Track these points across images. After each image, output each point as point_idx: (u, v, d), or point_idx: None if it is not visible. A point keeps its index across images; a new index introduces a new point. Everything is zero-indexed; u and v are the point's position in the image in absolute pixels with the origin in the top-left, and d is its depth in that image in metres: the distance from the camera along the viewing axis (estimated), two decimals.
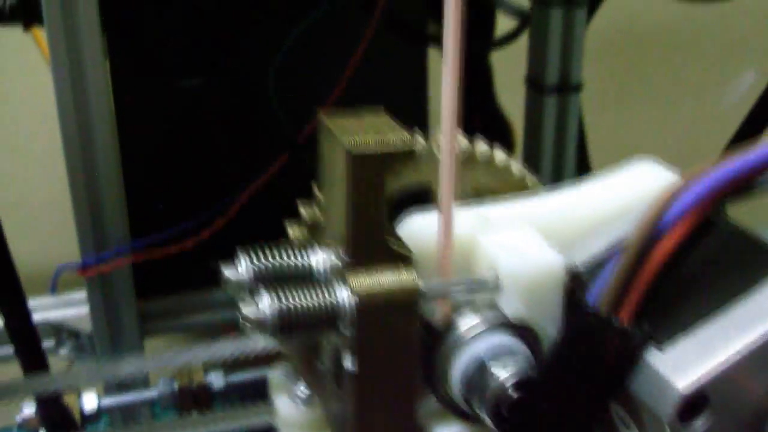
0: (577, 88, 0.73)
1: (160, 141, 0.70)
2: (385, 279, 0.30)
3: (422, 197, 0.39)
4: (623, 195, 0.36)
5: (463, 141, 0.41)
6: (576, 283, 0.33)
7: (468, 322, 0.31)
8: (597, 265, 0.33)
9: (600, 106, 0.84)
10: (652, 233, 0.29)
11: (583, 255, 0.34)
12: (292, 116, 0.68)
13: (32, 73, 0.77)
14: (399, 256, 0.30)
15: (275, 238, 0.72)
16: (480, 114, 0.83)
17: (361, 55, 0.63)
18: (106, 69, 0.60)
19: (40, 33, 0.66)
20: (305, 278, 0.31)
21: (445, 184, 0.30)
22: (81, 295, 0.66)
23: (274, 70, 0.67)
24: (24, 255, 0.59)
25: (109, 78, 0.61)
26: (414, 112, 0.75)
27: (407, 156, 0.29)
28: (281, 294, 0.29)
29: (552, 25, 0.71)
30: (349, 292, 0.29)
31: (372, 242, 0.30)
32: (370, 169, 0.29)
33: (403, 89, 0.74)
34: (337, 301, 0.29)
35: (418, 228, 0.34)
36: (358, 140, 0.29)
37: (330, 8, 0.65)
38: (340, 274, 0.30)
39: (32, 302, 0.59)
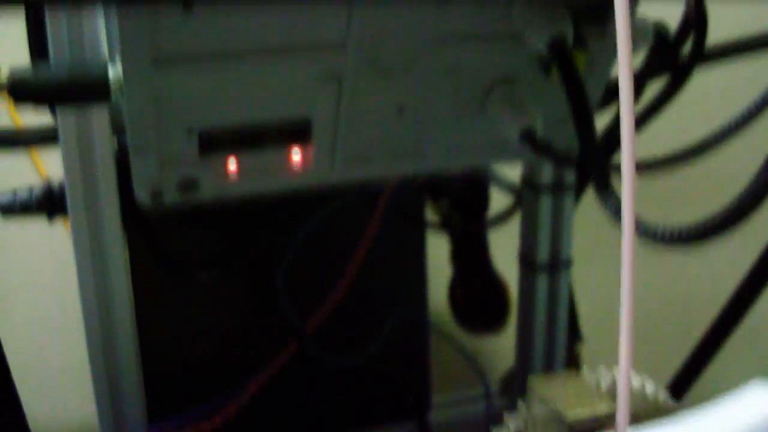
0: (567, 264, 0.78)
1: (176, 330, 0.74)
2: None
3: None
4: (745, 418, 0.42)
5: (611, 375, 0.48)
6: None
7: None
8: None
9: (588, 258, 0.88)
10: None
11: None
12: (300, 308, 0.72)
13: (56, 251, 0.81)
14: None
15: (287, 421, 0.76)
16: (477, 279, 0.88)
17: (366, 247, 0.68)
18: (126, 260, 0.64)
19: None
20: None
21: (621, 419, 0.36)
22: None
23: (283, 265, 0.72)
24: (42, 421, 0.63)
25: (129, 268, 0.65)
26: (414, 295, 0.80)
27: (610, 421, 0.39)
28: None
29: (542, 210, 0.75)
30: None
31: None
32: None
33: (404, 274, 0.79)
34: None
35: None
36: (575, 413, 0.40)
37: (335, 206, 0.70)
38: None
39: None
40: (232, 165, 0.56)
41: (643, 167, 0.59)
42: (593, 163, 0.50)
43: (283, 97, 0.55)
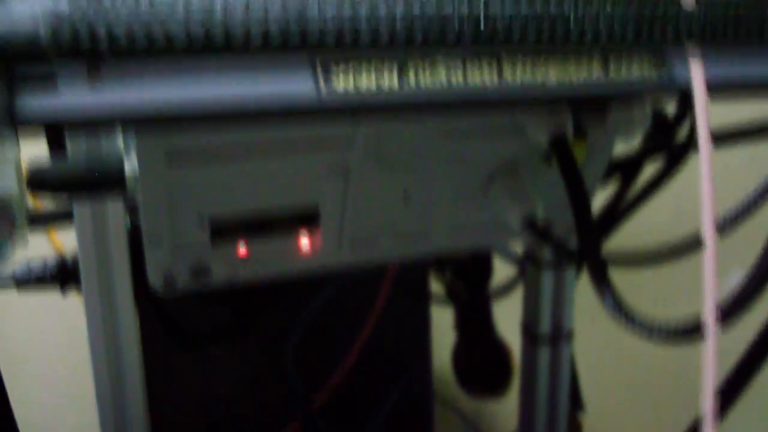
0: (569, 335, 0.79)
1: (185, 402, 0.75)
2: None
3: None
4: None
5: None
6: None
7: None
8: None
9: (591, 319, 0.89)
10: None
11: None
12: (308, 382, 0.74)
13: (68, 316, 0.83)
14: None
15: None
16: (481, 345, 0.89)
17: (372, 321, 0.70)
18: (138, 333, 0.66)
19: None
20: None
21: None
22: None
23: (292, 339, 0.73)
24: None
25: (140, 342, 0.67)
26: (418, 366, 0.81)
27: None
28: None
29: (544, 283, 0.77)
30: None
31: None
32: None
33: (409, 346, 0.80)
34: None
35: None
36: None
37: (343, 281, 0.72)
38: None
39: None
40: (242, 251, 0.58)
41: (639, 259, 0.60)
42: (591, 259, 0.52)
43: (291, 186, 0.56)
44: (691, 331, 0.49)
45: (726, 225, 0.61)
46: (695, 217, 0.69)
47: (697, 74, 0.38)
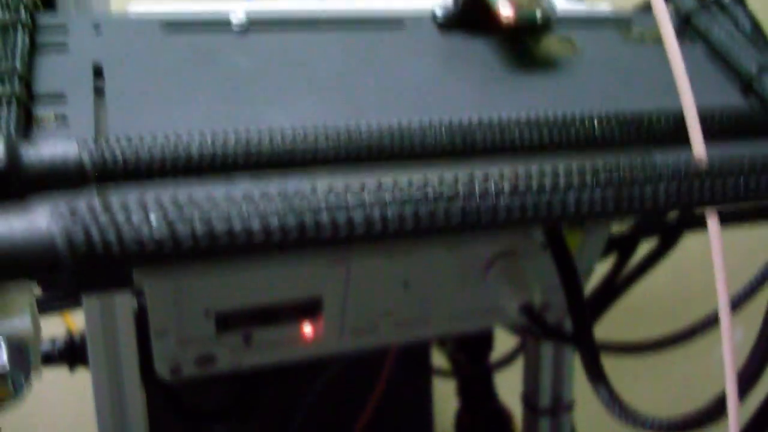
0: (569, 407, 0.80)
1: None
2: None
3: None
4: None
5: None
6: None
7: None
8: None
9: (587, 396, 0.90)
10: None
11: None
12: None
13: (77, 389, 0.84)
14: None
15: None
16: (483, 413, 0.90)
17: (376, 398, 0.71)
18: (145, 412, 0.67)
19: None
20: None
21: None
22: None
23: (297, 416, 0.74)
24: None
25: (147, 420, 0.68)
26: None
27: None
28: None
29: (544, 356, 0.78)
30: None
31: None
32: None
33: (411, 418, 0.81)
34: None
35: None
36: None
37: (348, 358, 0.73)
38: None
39: None
40: (246, 340, 0.60)
41: (633, 348, 0.62)
42: (584, 351, 0.53)
43: (294, 279, 0.58)
44: (688, 425, 0.50)
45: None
46: (688, 286, 0.69)
47: (714, 235, 0.39)
